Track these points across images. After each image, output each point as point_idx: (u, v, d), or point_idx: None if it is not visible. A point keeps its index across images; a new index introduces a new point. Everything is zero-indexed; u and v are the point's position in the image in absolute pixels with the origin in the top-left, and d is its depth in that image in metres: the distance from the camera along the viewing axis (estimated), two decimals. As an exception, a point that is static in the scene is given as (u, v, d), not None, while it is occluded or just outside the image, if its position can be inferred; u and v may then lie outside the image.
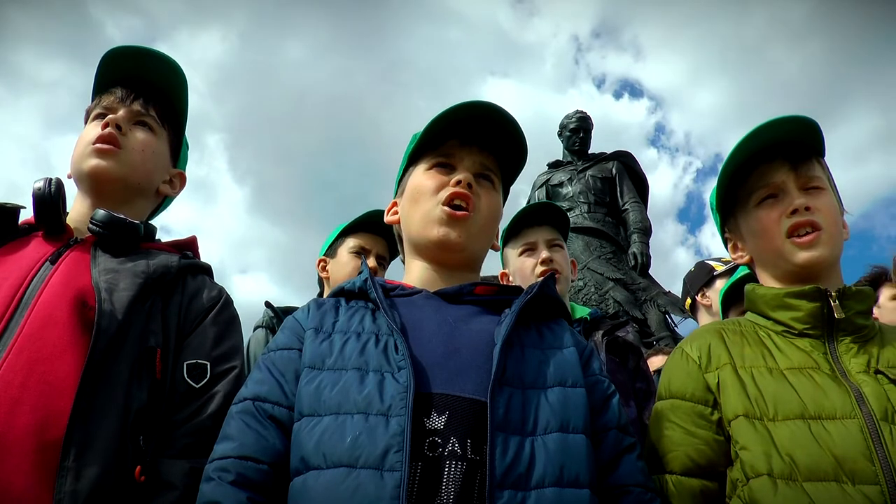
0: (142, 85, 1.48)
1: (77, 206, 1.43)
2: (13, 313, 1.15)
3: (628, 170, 8.79)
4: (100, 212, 1.35)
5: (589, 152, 9.09)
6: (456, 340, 1.11)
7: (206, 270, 1.48)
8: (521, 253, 2.22)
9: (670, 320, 7.28)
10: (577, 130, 9.05)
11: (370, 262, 2.36)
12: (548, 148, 9.58)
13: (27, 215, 1.37)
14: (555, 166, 9.20)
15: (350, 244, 2.45)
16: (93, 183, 1.41)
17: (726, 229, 1.48)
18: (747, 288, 1.39)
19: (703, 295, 2.85)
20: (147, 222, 1.48)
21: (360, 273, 1.27)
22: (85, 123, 1.48)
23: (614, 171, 8.69)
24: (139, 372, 1.19)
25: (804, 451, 1.08)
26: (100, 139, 1.39)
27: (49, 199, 1.33)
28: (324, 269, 2.53)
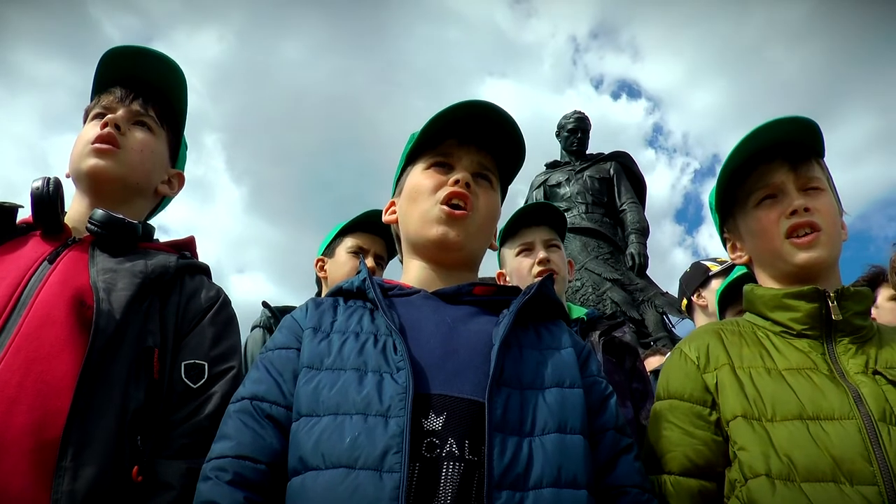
0: (141, 85, 1.48)
1: (75, 206, 1.43)
2: (11, 312, 1.15)
3: (626, 170, 8.80)
4: (98, 211, 1.34)
5: (587, 153, 9.10)
6: (454, 341, 1.10)
7: (205, 270, 1.47)
8: (519, 253, 2.22)
9: (667, 321, 7.29)
10: (575, 131, 9.05)
11: (368, 262, 2.36)
12: (546, 148, 9.60)
13: (25, 214, 1.36)
14: (553, 167, 9.21)
15: (348, 244, 2.45)
16: (91, 182, 1.40)
17: (725, 229, 1.48)
18: (746, 288, 1.39)
19: (699, 295, 2.85)
20: (145, 222, 1.47)
21: (359, 273, 1.27)
22: (84, 123, 1.48)
23: (612, 172, 8.70)
24: (137, 372, 1.19)
25: (802, 452, 1.08)
26: (99, 139, 1.39)
27: (47, 199, 1.32)
28: (322, 269, 2.53)
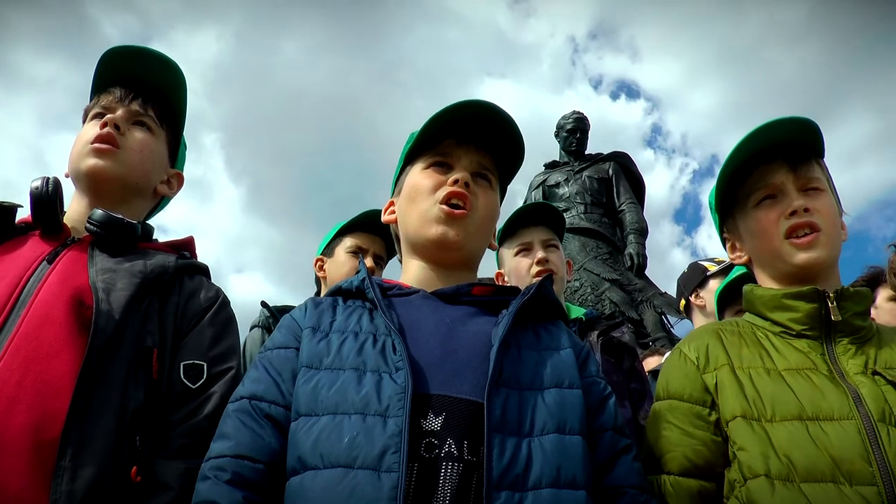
0: (140, 85, 1.48)
1: (74, 206, 1.42)
2: (10, 312, 1.15)
3: (625, 171, 8.80)
4: (97, 211, 1.34)
5: (585, 153, 9.10)
6: (453, 341, 1.10)
7: (204, 271, 1.47)
8: (517, 253, 2.21)
9: (666, 321, 7.30)
10: (574, 131, 9.05)
11: (367, 262, 2.35)
12: (544, 148, 9.59)
13: (23, 214, 1.36)
14: (551, 167, 9.20)
15: (347, 244, 2.45)
16: (91, 182, 1.40)
17: (725, 229, 1.48)
18: (745, 289, 1.39)
19: (697, 296, 2.85)
20: (144, 222, 1.47)
21: (358, 272, 1.27)
22: (83, 123, 1.48)
23: (611, 172, 8.70)
24: (136, 372, 1.19)
25: (802, 452, 1.08)
26: (98, 139, 1.38)
27: (47, 199, 1.32)
28: (321, 269, 2.52)
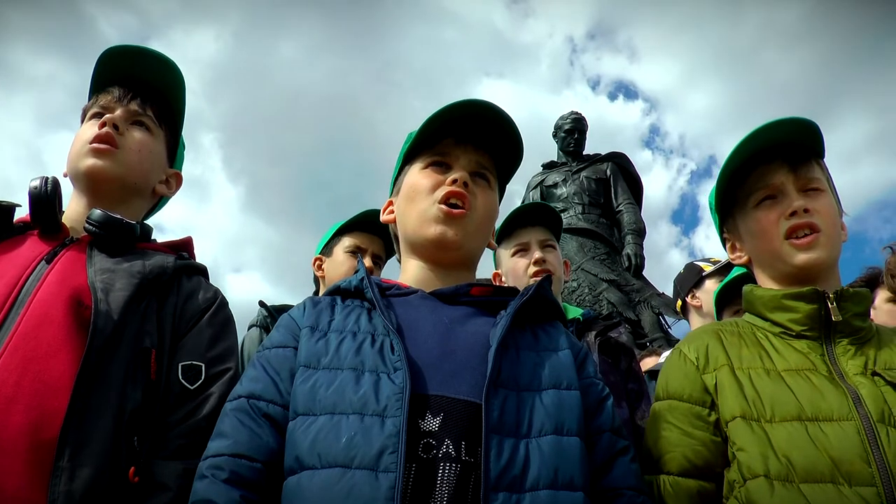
0: (139, 85, 1.47)
1: (73, 206, 1.42)
2: (8, 312, 1.15)
3: (623, 171, 8.82)
4: (96, 211, 1.34)
5: (583, 153, 9.11)
6: (451, 342, 1.10)
7: (202, 271, 1.47)
8: (514, 253, 2.21)
9: (664, 321, 7.31)
10: (572, 131, 9.07)
11: (366, 262, 2.36)
12: (542, 149, 9.59)
13: (21, 213, 1.36)
14: (549, 167, 9.21)
15: (346, 243, 2.45)
16: (89, 182, 1.40)
17: (725, 230, 1.47)
18: (745, 289, 1.39)
19: (693, 296, 2.85)
20: (143, 222, 1.47)
21: (357, 272, 1.26)
22: (81, 122, 1.47)
23: (609, 173, 8.71)
24: (134, 372, 1.19)
25: (801, 453, 1.08)
26: (97, 139, 1.38)
27: (45, 198, 1.32)
28: (319, 268, 2.52)
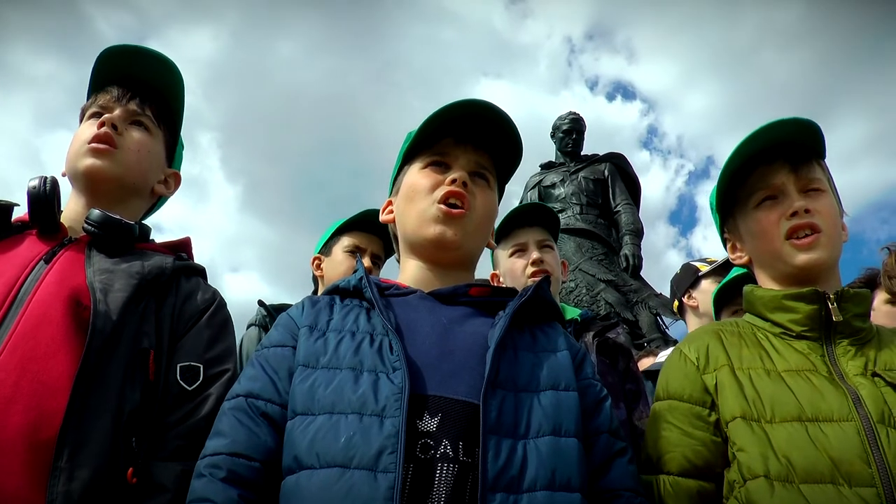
0: (138, 84, 1.47)
1: (71, 205, 1.42)
2: (7, 311, 1.14)
3: (620, 172, 8.82)
4: (95, 212, 1.33)
5: (581, 154, 9.12)
6: (449, 342, 1.10)
7: (200, 272, 1.47)
8: (512, 254, 2.21)
9: (661, 322, 7.32)
10: (570, 132, 9.07)
11: (365, 262, 2.35)
12: (540, 149, 9.60)
13: (19, 212, 1.36)
14: (547, 167, 9.22)
15: (345, 243, 2.45)
16: (88, 182, 1.39)
17: (725, 230, 1.47)
18: (746, 289, 1.39)
19: (690, 296, 2.84)
20: (141, 223, 1.46)
21: (356, 272, 1.26)
22: (80, 122, 1.47)
23: (606, 173, 8.72)
24: (132, 373, 1.18)
25: (801, 454, 1.08)
26: (96, 138, 1.38)
27: (44, 198, 1.31)
28: (318, 268, 2.52)
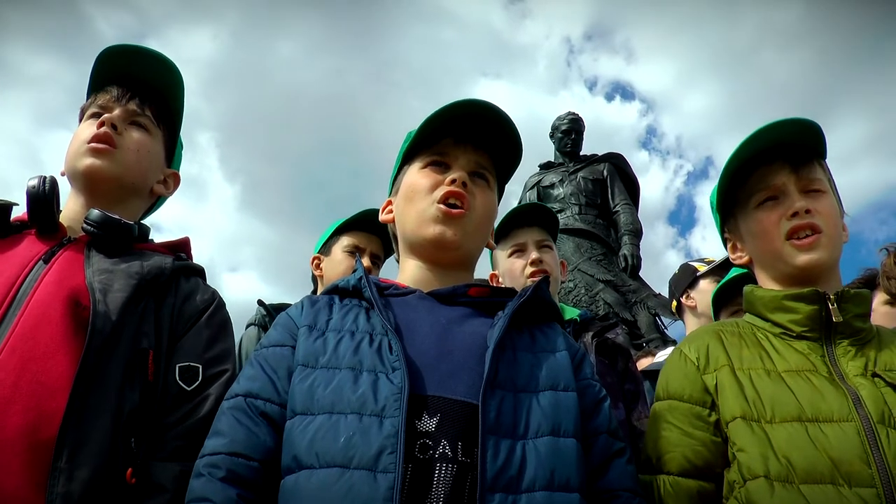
0: (138, 84, 1.47)
1: (70, 205, 1.41)
2: (6, 312, 1.14)
3: (619, 172, 8.83)
4: (94, 212, 1.33)
5: (580, 154, 9.13)
6: (449, 342, 1.10)
7: (200, 272, 1.47)
8: (511, 254, 2.21)
9: (660, 322, 7.32)
10: (569, 132, 9.08)
11: (364, 261, 2.35)
12: (539, 149, 9.60)
13: (17, 212, 1.35)
14: (546, 168, 9.22)
15: (344, 242, 2.45)
16: (87, 182, 1.39)
17: (726, 230, 1.47)
18: (746, 289, 1.39)
19: (688, 296, 2.84)
20: (141, 223, 1.46)
21: (355, 271, 1.26)
22: (79, 121, 1.47)
23: (605, 173, 8.72)
24: (132, 373, 1.18)
25: (801, 454, 1.08)
26: (95, 138, 1.37)
27: (43, 198, 1.31)
28: (318, 267, 2.52)
